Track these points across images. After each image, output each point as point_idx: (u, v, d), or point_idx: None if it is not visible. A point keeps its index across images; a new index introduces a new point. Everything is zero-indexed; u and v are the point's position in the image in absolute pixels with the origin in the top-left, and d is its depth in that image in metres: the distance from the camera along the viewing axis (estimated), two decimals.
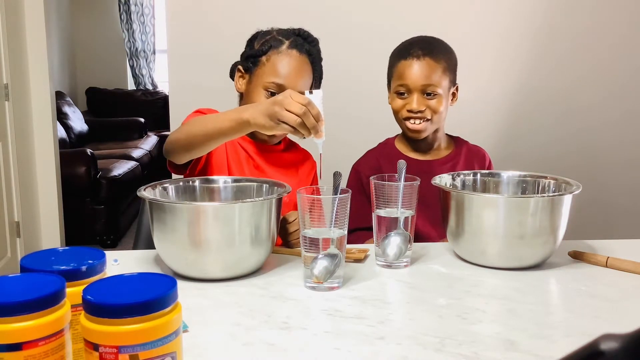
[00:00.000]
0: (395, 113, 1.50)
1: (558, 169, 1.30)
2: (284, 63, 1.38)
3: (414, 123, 1.46)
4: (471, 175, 1.36)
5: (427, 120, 1.46)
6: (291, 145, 1.54)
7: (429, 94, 1.44)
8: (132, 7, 6.02)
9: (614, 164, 2.59)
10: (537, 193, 1.29)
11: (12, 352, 0.58)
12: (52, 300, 0.60)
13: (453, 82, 1.50)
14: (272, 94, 1.36)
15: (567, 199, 1.15)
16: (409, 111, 1.45)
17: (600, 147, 2.58)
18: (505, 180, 1.34)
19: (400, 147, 1.57)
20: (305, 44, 1.41)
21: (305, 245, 1.04)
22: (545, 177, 1.29)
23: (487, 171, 1.39)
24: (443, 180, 1.30)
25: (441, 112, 1.46)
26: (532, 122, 2.55)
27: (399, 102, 1.48)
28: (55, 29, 5.17)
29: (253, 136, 1.45)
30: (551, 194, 1.23)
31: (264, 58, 1.39)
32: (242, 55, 1.47)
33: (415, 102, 1.44)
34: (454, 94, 1.52)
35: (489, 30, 2.48)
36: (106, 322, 0.60)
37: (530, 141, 2.54)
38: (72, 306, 0.65)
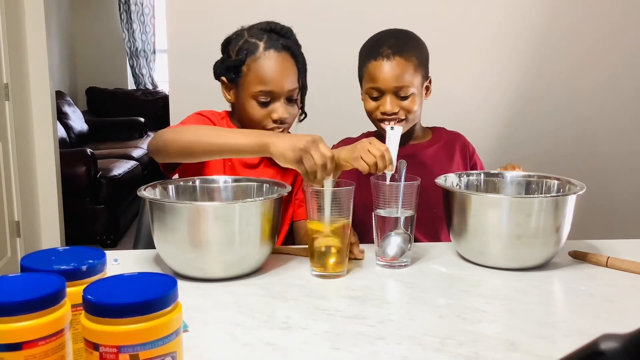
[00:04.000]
0: (369, 114, 1.47)
1: (561, 173, 1.30)
2: (266, 68, 1.34)
3: (389, 124, 1.43)
4: (475, 175, 1.36)
5: (402, 120, 1.42)
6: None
7: (402, 96, 1.41)
8: (132, 7, 6.02)
9: (615, 168, 2.59)
10: (541, 193, 1.29)
11: (12, 352, 0.58)
12: (52, 300, 0.60)
13: (425, 77, 1.46)
14: (263, 103, 1.35)
15: (571, 200, 1.15)
16: (382, 113, 1.42)
17: (602, 152, 2.57)
18: (509, 180, 1.34)
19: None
20: (280, 39, 1.38)
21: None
22: (549, 178, 1.29)
23: (491, 171, 1.39)
24: (448, 180, 1.29)
25: (415, 110, 1.43)
26: (534, 128, 2.54)
27: (372, 103, 1.44)
28: (55, 29, 5.17)
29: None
30: (555, 194, 1.23)
31: (244, 68, 1.36)
32: (220, 65, 1.42)
33: (388, 104, 1.40)
34: (427, 88, 1.48)
35: (493, 36, 2.47)
36: (106, 322, 0.60)
37: (532, 147, 2.54)
38: (73, 306, 0.65)
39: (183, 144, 1.22)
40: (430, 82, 1.48)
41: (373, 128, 1.56)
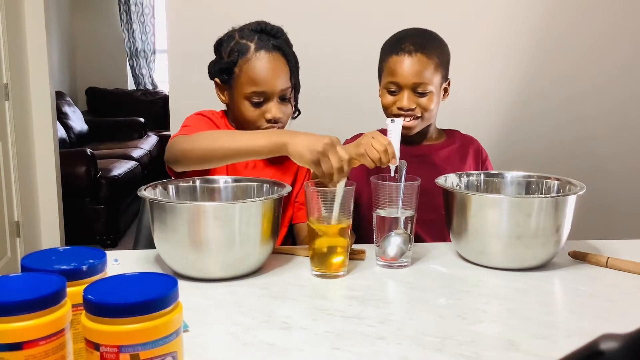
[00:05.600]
0: (385, 109, 1.47)
1: (560, 173, 1.30)
2: (257, 69, 1.34)
3: (404, 120, 1.42)
4: (475, 175, 1.36)
5: (418, 117, 1.43)
6: None
7: (420, 92, 1.41)
8: (132, 7, 6.02)
9: (615, 168, 2.59)
10: (541, 193, 1.29)
11: (12, 352, 0.58)
12: (52, 299, 0.60)
13: (445, 78, 1.47)
14: (256, 103, 1.36)
15: (571, 200, 1.15)
16: (399, 108, 1.42)
17: (602, 153, 2.57)
18: (509, 180, 1.34)
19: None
20: (270, 39, 1.37)
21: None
22: (549, 178, 1.29)
23: (491, 172, 1.39)
24: (448, 180, 1.29)
25: (432, 109, 1.43)
26: (534, 128, 2.54)
27: (389, 98, 1.44)
28: (55, 29, 5.17)
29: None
30: (555, 195, 1.23)
31: (236, 69, 1.36)
32: (213, 67, 1.43)
33: (405, 99, 1.40)
34: (445, 89, 1.48)
35: (493, 36, 2.47)
36: (107, 322, 0.60)
37: (531, 147, 2.54)
38: (73, 306, 0.65)
39: (201, 152, 1.23)
40: (449, 84, 1.49)
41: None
